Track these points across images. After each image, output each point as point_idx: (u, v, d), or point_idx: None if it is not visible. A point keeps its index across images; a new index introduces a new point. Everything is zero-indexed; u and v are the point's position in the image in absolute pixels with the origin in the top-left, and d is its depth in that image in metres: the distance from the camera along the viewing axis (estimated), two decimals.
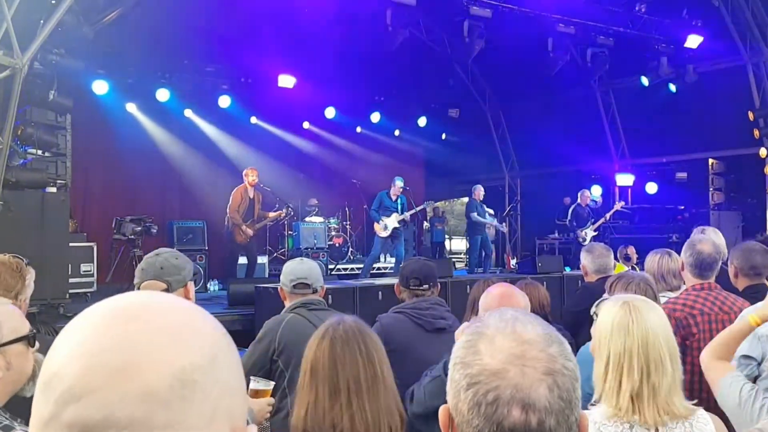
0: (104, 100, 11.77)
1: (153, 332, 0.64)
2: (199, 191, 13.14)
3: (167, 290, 2.41)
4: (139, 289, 2.42)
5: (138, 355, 0.62)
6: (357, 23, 11.49)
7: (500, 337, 0.95)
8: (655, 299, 2.93)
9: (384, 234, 10.55)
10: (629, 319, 1.94)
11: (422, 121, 16.08)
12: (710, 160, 13.39)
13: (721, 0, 11.98)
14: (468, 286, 7.55)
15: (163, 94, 12.32)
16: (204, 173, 13.35)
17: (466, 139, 16.65)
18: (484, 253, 12.31)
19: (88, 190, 12.07)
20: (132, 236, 9.73)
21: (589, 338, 3.22)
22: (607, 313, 2.00)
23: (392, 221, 10.58)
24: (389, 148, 15.93)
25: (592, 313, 2.22)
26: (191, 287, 2.56)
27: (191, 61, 12.43)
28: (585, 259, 4.53)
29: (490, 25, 10.85)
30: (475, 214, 12.22)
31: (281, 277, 3.36)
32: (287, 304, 3.27)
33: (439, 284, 3.58)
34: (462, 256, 18.76)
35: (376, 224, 10.66)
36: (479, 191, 12.43)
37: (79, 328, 0.65)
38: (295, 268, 3.31)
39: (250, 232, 9.69)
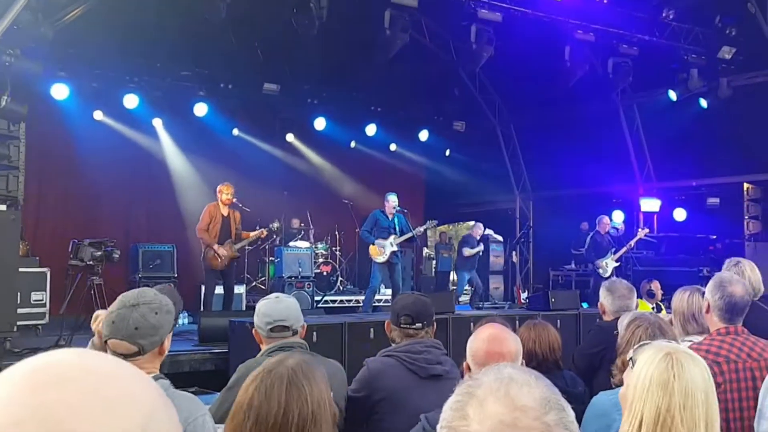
0: (64, 106, 11.83)
1: (76, 400, 0.62)
2: (170, 211, 13.15)
3: (138, 353, 2.40)
4: (106, 343, 2.41)
5: (58, 427, 0.60)
6: (351, 25, 11.61)
7: (491, 400, 0.95)
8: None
9: (381, 259, 10.56)
10: (670, 375, 1.94)
11: (424, 135, 16.17)
12: (745, 185, 13.45)
13: (758, 6, 12.13)
14: (472, 324, 7.57)
15: (131, 100, 12.38)
16: (175, 190, 13.38)
17: (472, 155, 16.73)
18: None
19: (42, 209, 12.08)
20: (91, 262, 9.70)
21: (605, 385, 3.27)
22: (646, 366, 1.99)
23: (390, 244, 10.60)
24: (386, 164, 16.02)
25: (628, 358, 2.21)
26: (168, 341, 2.54)
27: (164, 64, 12.53)
28: (605, 297, 4.56)
29: (501, 30, 10.96)
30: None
31: (255, 318, 3.36)
32: (263, 347, 3.29)
33: (434, 324, 3.60)
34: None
35: (371, 248, 10.68)
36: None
37: None
38: (271, 309, 3.31)
39: (223, 251, 9.66)
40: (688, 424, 1.89)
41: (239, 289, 11.46)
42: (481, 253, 14.04)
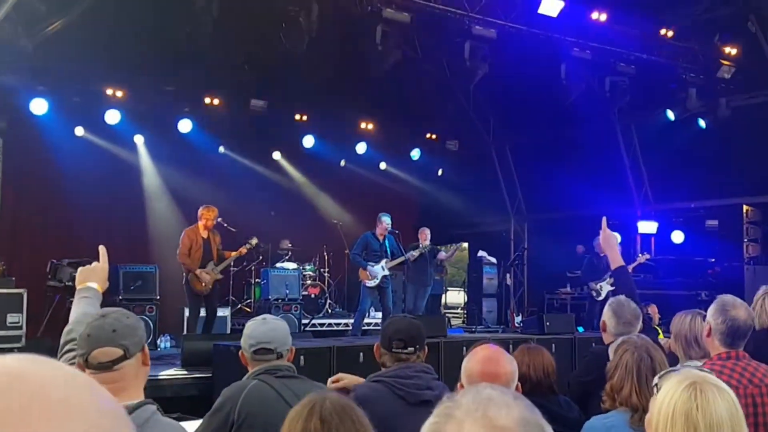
0: (43, 121, 11.83)
1: (20, 411, 0.61)
2: (152, 230, 13.13)
3: (124, 357, 2.36)
4: (87, 360, 2.36)
5: None
6: (342, 40, 11.68)
7: (469, 421, 0.96)
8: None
9: (372, 283, 10.56)
10: (692, 406, 1.95)
11: (416, 154, 16.23)
12: (745, 207, 13.55)
13: (758, 25, 12.28)
14: (465, 348, 7.57)
15: (113, 116, 12.39)
16: (158, 209, 13.36)
17: (465, 175, 16.80)
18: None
19: (19, 228, 12.03)
20: (69, 283, 9.67)
21: (600, 411, 3.28)
22: (670, 394, 2.01)
23: (381, 268, 10.60)
24: (377, 184, 16.05)
25: (653, 384, 2.22)
26: (147, 350, 2.53)
27: (147, 79, 12.55)
28: (609, 317, 4.46)
29: (495, 47, 11.05)
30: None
31: (241, 339, 3.39)
32: (250, 369, 3.30)
33: (426, 347, 3.61)
34: (459, 311, 18.78)
35: (362, 271, 10.68)
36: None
37: None
38: (255, 331, 3.34)
39: (206, 276, 9.67)
40: None
41: (224, 312, 11.42)
42: (426, 252, 11.56)
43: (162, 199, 13.48)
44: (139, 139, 13.31)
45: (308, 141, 14.69)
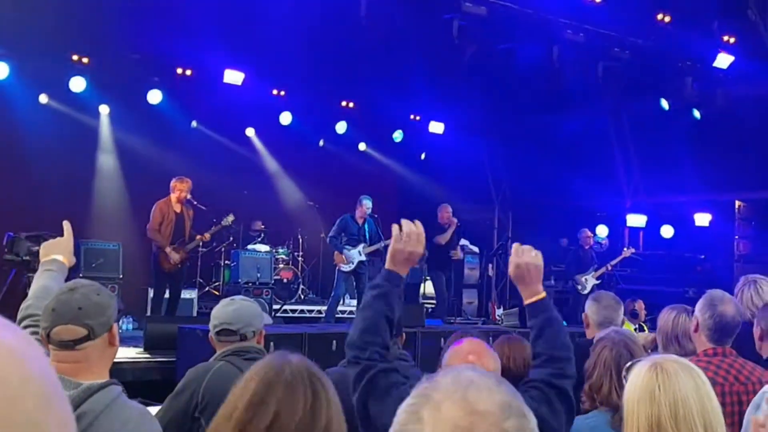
0: (4, 86, 11.66)
1: None
2: (117, 205, 13.00)
3: (88, 336, 2.33)
4: (49, 336, 2.32)
5: None
6: (324, 14, 11.60)
7: (448, 404, 0.96)
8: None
9: (347, 268, 10.56)
10: (655, 386, 2.00)
11: (398, 136, 16.20)
12: (737, 203, 13.67)
13: (759, 14, 12.32)
14: (443, 339, 7.60)
15: (77, 83, 12.21)
16: (123, 183, 13.24)
17: (449, 159, 16.78)
18: None
19: None
20: (27, 257, 9.52)
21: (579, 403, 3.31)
22: (634, 380, 2.08)
23: (359, 253, 10.59)
24: (357, 165, 16.00)
25: (623, 375, 2.31)
26: (116, 330, 2.49)
27: (114, 44, 12.35)
28: (590, 308, 4.59)
29: (485, 26, 11.04)
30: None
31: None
32: (217, 351, 3.31)
33: (403, 334, 3.62)
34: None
35: (337, 254, 10.67)
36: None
37: None
38: (219, 311, 3.38)
39: (176, 255, 9.60)
40: None
41: (191, 294, 11.36)
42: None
43: (127, 174, 13.33)
44: (104, 110, 13.12)
45: (285, 118, 14.58)
